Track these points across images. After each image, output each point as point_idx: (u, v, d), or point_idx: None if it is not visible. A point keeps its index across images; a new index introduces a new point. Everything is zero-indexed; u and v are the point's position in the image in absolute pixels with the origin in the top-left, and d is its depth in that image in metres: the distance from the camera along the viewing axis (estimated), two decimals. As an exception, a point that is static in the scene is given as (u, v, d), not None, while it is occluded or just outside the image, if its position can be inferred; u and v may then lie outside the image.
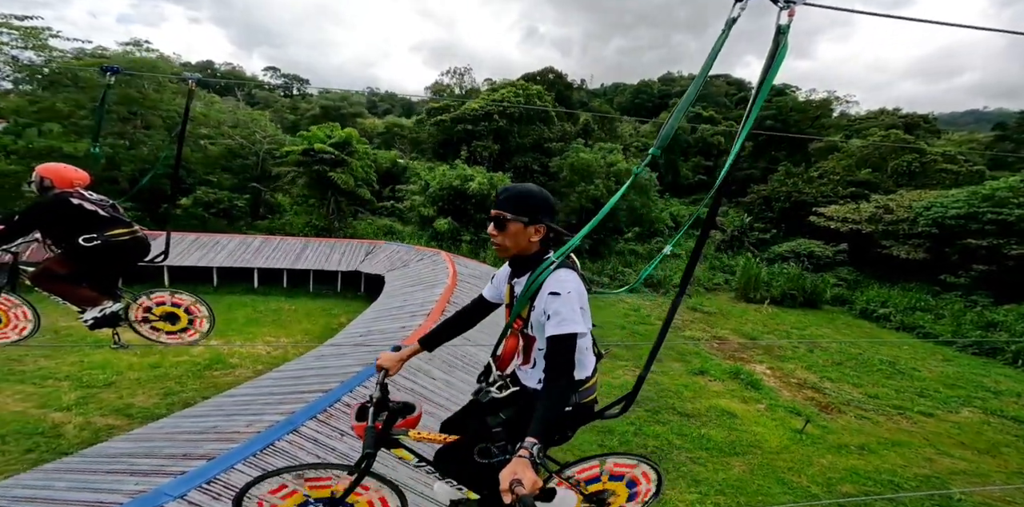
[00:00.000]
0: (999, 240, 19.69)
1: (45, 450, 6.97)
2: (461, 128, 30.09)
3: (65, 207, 3.07)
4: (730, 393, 11.11)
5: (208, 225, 21.61)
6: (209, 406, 6.12)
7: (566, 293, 1.47)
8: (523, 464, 1.23)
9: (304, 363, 7.97)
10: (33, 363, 9.99)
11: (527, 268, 1.65)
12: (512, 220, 1.57)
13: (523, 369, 1.74)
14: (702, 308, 20.41)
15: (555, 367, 1.44)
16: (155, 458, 4.16)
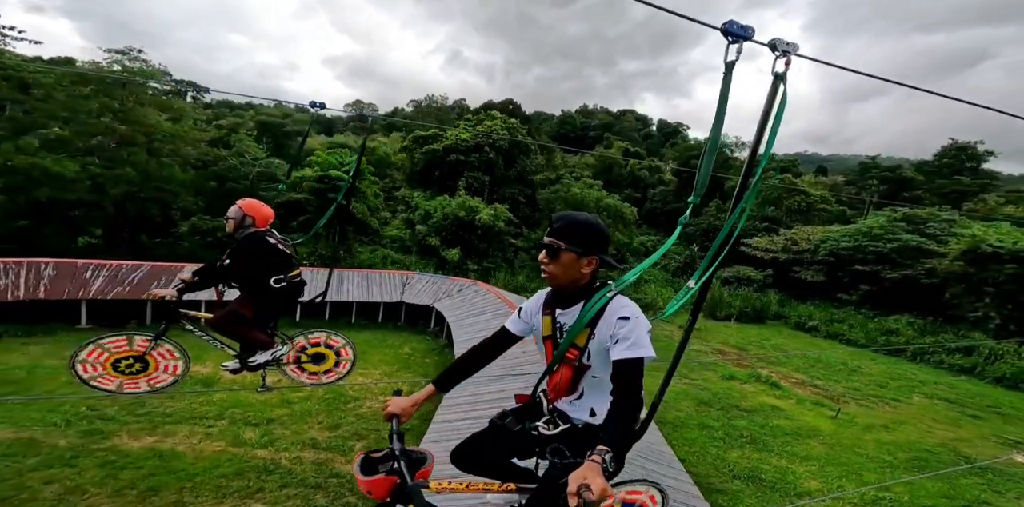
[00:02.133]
0: (877, 266, 26.86)
1: (302, 486, 7.17)
2: (454, 158, 31.37)
3: (267, 247, 3.03)
4: (762, 392, 14.29)
5: (205, 254, 19.84)
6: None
7: (635, 318, 1.49)
8: (595, 470, 1.20)
9: (468, 390, 9.05)
10: (158, 405, 9.34)
11: (575, 299, 1.62)
12: (567, 249, 1.54)
13: (570, 400, 1.68)
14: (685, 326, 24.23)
15: (626, 390, 1.42)
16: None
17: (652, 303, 27.37)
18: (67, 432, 7.78)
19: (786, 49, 1.44)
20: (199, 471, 7.45)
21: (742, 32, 1.42)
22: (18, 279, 12.08)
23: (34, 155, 15.10)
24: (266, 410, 9.91)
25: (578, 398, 1.67)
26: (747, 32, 1.43)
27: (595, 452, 1.27)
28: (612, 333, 1.48)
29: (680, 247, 40.69)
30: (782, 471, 9.08)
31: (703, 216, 42.44)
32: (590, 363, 1.59)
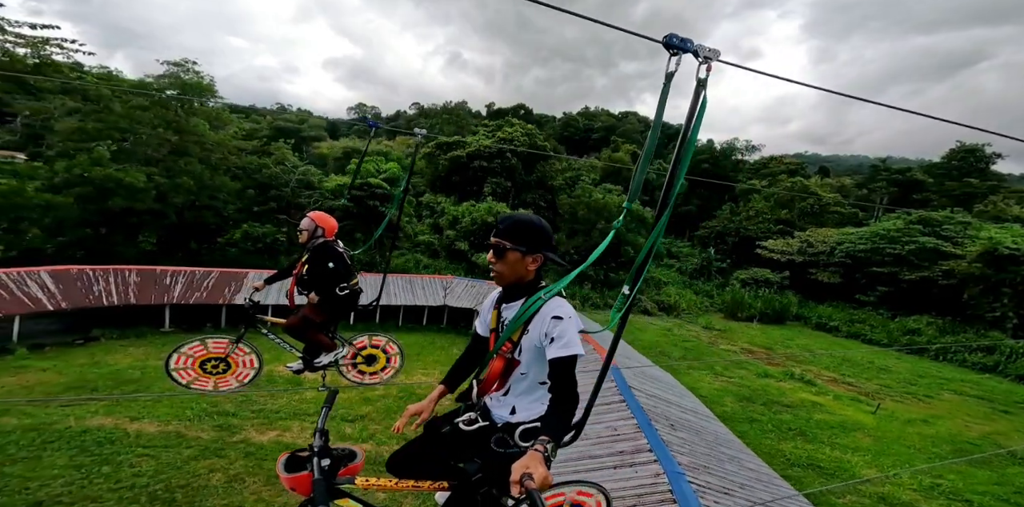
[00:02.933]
0: (895, 268, 27.65)
1: None
2: (477, 164, 32.26)
3: (337, 257, 3.23)
4: (799, 389, 15.07)
5: (250, 260, 20.68)
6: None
7: (568, 318, 1.55)
8: (537, 458, 1.24)
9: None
10: (264, 403, 10.17)
11: (520, 295, 1.68)
12: (511, 249, 1.61)
13: (496, 396, 1.74)
14: (712, 327, 25.05)
15: (562, 385, 1.50)
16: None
17: (675, 304, 28.20)
18: (202, 426, 8.61)
19: (708, 56, 1.50)
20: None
21: (682, 44, 1.48)
22: (109, 285, 12.93)
23: (105, 166, 15.95)
24: (354, 407, 10.71)
25: (503, 394, 1.72)
26: (686, 45, 1.49)
27: (537, 442, 1.31)
28: (546, 331, 1.55)
29: (694, 250, 41.67)
30: (837, 460, 9.87)
31: (716, 219, 43.30)
32: (520, 359, 1.65)
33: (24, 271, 11.81)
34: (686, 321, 26.15)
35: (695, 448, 8.01)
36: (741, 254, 37.76)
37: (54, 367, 10.40)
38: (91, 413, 8.39)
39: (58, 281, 12.12)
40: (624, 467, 6.69)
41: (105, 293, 12.69)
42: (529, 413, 1.68)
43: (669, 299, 28.23)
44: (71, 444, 7.37)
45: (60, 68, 17.47)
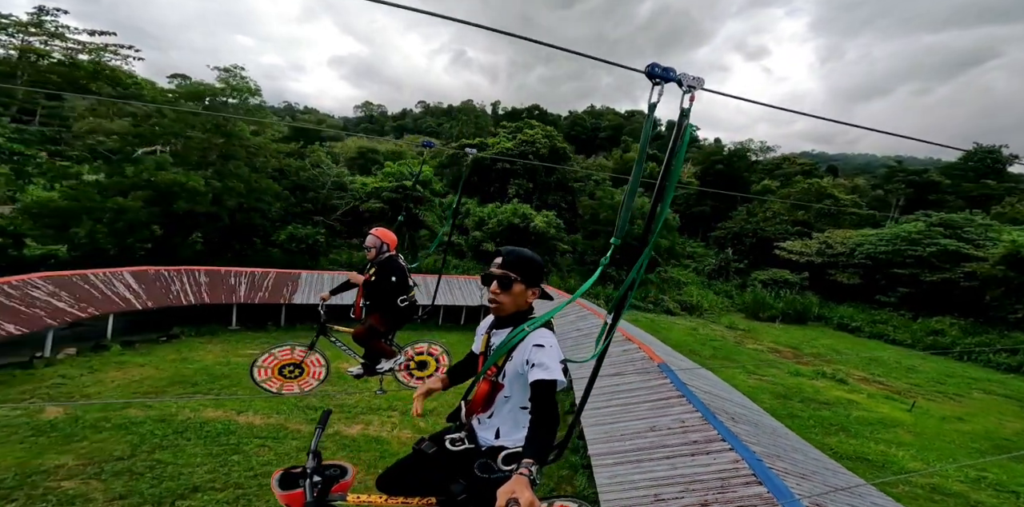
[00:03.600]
0: (916, 270, 28.07)
1: None
2: (500, 166, 32.87)
3: (401, 271, 3.41)
4: (832, 387, 15.66)
5: (292, 260, 21.44)
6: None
7: (549, 346, 1.62)
8: (523, 483, 1.27)
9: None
10: (342, 400, 10.92)
11: (510, 323, 1.76)
12: (518, 281, 1.70)
13: (481, 418, 1.81)
14: (735, 326, 25.64)
15: (543, 408, 1.53)
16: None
17: (697, 304, 28.78)
18: (298, 419, 9.35)
19: (692, 84, 1.48)
20: (402, 452, 9.00)
21: (664, 74, 1.46)
22: (184, 285, 13.71)
23: (168, 171, 16.72)
24: (402, 402, 11.42)
25: (488, 416, 1.78)
26: (669, 74, 1.47)
27: (522, 465, 1.33)
28: (528, 358, 1.61)
29: (708, 250, 42.08)
30: (884, 454, 10.49)
31: (732, 221, 43.71)
32: (504, 383, 1.71)
33: (110, 272, 12.59)
34: (709, 321, 26.74)
35: (760, 439, 8.72)
36: (758, 255, 38.20)
37: (150, 363, 11.17)
38: (202, 406, 9.14)
39: (139, 281, 12.91)
40: (700, 454, 7.41)
41: (181, 293, 13.47)
42: (513, 438, 1.74)
43: (691, 299, 28.83)
44: (198, 434, 8.12)
45: (117, 74, 18.25)
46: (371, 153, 48.05)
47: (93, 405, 8.73)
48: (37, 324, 9.79)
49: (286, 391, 3.76)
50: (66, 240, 15.69)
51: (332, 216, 26.09)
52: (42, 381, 9.44)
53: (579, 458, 9.76)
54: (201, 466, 7.20)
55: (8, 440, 7.24)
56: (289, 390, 3.75)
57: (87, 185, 15.06)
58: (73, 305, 10.79)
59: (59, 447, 7.23)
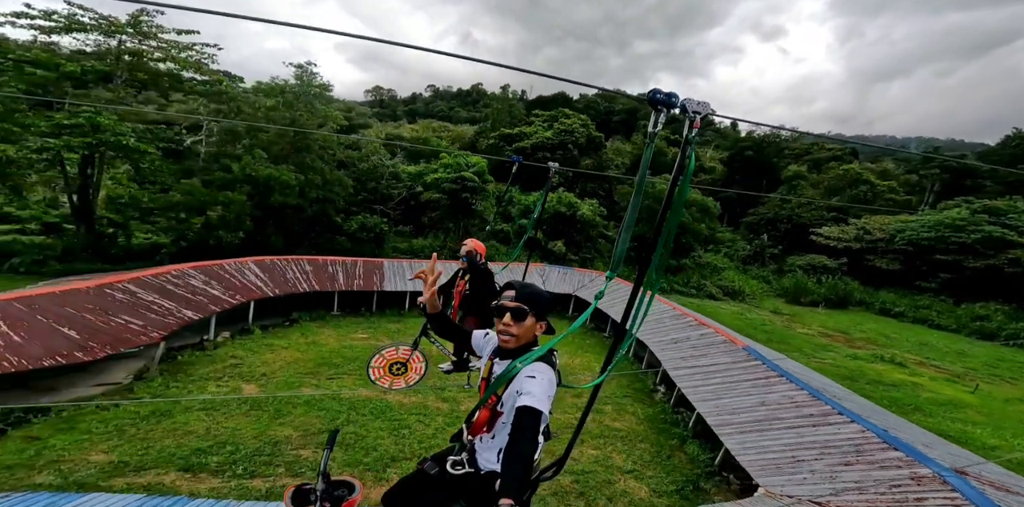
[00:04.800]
0: (959, 256, 28.44)
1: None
2: (541, 155, 33.36)
3: (492, 277, 3.64)
4: (892, 370, 16.54)
5: (358, 249, 22.51)
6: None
7: (541, 379, 1.67)
8: None
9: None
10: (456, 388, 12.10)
11: (512, 355, 1.83)
12: (531, 314, 1.79)
13: (484, 438, 1.87)
14: (779, 311, 26.45)
15: (521, 433, 1.54)
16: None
17: (739, 289, 29.54)
18: (432, 399, 10.49)
19: (696, 110, 1.44)
20: None
21: (667, 100, 1.43)
22: (296, 274, 14.85)
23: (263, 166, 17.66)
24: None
25: (492, 438, 1.84)
26: (671, 100, 1.43)
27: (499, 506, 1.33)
28: (519, 388, 1.67)
29: (738, 236, 42.38)
30: (962, 432, 11.42)
31: (764, 207, 43.87)
32: (503, 410, 1.78)
33: (238, 262, 13.73)
34: (752, 305, 27.56)
35: (870, 413, 9.72)
36: (793, 240, 38.60)
37: (290, 345, 12.39)
38: (356, 386, 10.33)
39: (263, 270, 14.05)
40: (822, 426, 8.46)
41: (296, 281, 14.61)
42: None
43: (733, 284, 29.58)
44: (370, 411, 9.32)
45: (202, 70, 19.00)
46: (398, 139, 48.61)
47: (274, 384, 9.98)
48: (205, 310, 10.96)
49: (395, 387, 4.16)
50: (173, 232, 16.86)
51: (389, 205, 27.07)
52: (222, 362, 10.68)
53: (682, 430, 10.89)
54: (386, 439, 8.38)
55: (234, 414, 8.47)
56: (397, 386, 4.15)
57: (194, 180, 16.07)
58: (224, 293, 11.95)
59: (276, 421, 8.46)
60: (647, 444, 10.08)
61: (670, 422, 11.28)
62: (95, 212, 15.98)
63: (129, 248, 16.53)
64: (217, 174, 16.72)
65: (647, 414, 11.73)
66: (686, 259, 32.00)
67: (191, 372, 10.00)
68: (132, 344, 8.60)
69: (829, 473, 6.69)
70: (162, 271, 11.63)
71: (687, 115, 1.44)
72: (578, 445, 8.81)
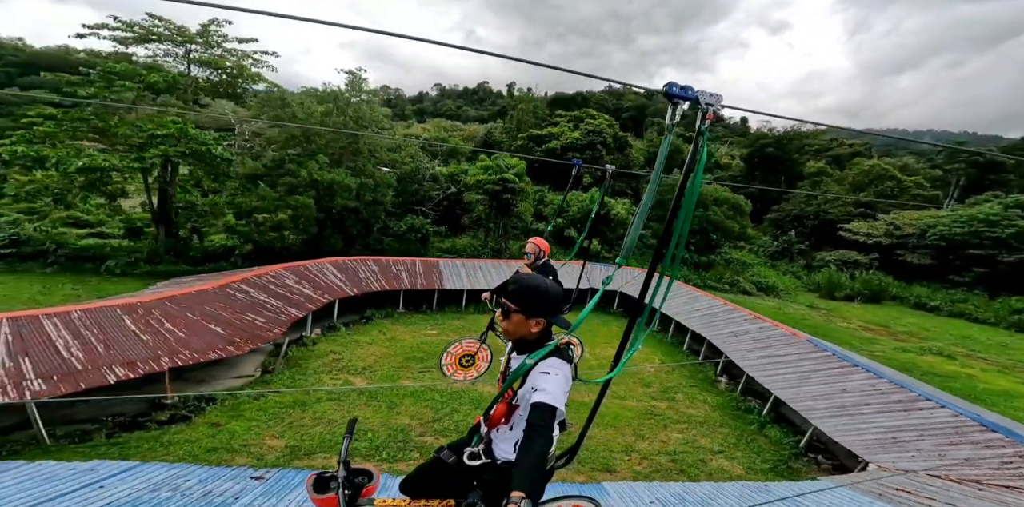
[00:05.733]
0: (993, 251, 28.52)
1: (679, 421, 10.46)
2: (570, 155, 33.92)
3: (555, 274, 3.85)
4: (943, 362, 16.90)
5: (404, 249, 23.24)
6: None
7: (555, 374, 1.70)
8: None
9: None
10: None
11: (526, 350, 1.87)
12: (516, 312, 1.80)
13: (501, 430, 1.90)
14: (815, 306, 26.78)
15: (536, 429, 1.57)
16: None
17: (772, 285, 29.87)
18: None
19: (709, 102, 1.47)
20: (609, 413, 10.83)
21: (683, 93, 1.46)
22: (367, 274, 15.60)
23: (325, 170, 18.40)
24: (581, 375, 13.21)
25: (509, 429, 1.88)
26: (688, 92, 1.46)
27: (510, 500, 1.35)
28: (533, 384, 1.70)
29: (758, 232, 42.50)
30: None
31: (789, 203, 44.01)
32: (518, 404, 1.82)
33: (317, 263, 14.50)
34: (787, 300, 27.89)
35: (954, 401, 10.20)
36: (820, 236, 38.76)
37: (373, 342, 13.12)
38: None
39: (339, 271, 14.80)
40: (914, 410, 8.97)
41: (367, 280, 15.35)
42: None
43: (766, 280, 29.92)
44: (468, 400, 10.04)
45: (260, 78, 19.81)
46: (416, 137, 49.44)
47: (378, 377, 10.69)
48: (304, 308, 11.72)
49: (468, 378, 4.45)
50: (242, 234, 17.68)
51: (429, 206, 27.79)
52: (323, 357, 11.43)
53: (756, 416, 11.43)
54: None
55: (356, 405, 9.21)
56: (469, 376, 4.46)
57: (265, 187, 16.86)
58: (314, 292, 12.71)
59: (393, 411, 9.17)
60: (727, 429, 10.65)
61: (742, 409, 11.83)
62: (172, 216, 16.86)
63: (204, 250, 17.38)
64: (284, 179, 17.48)
65: (717, 402, 12.28)
66: (714, 256, 32.39)
67: (303, 366, 10.76)
68: (264, 339, 9.35)
69: (936, 452, 7.22)
70: (262, 272, 12.41)
71: (700, 107, 1.47)
72: (662, 429, 9.50)
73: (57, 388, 6.39)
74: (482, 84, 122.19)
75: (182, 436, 7.33)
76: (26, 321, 7.11)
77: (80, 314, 7.72)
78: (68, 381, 6.53)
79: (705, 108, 1.46)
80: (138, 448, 6.80)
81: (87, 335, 7.40)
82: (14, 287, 13.27)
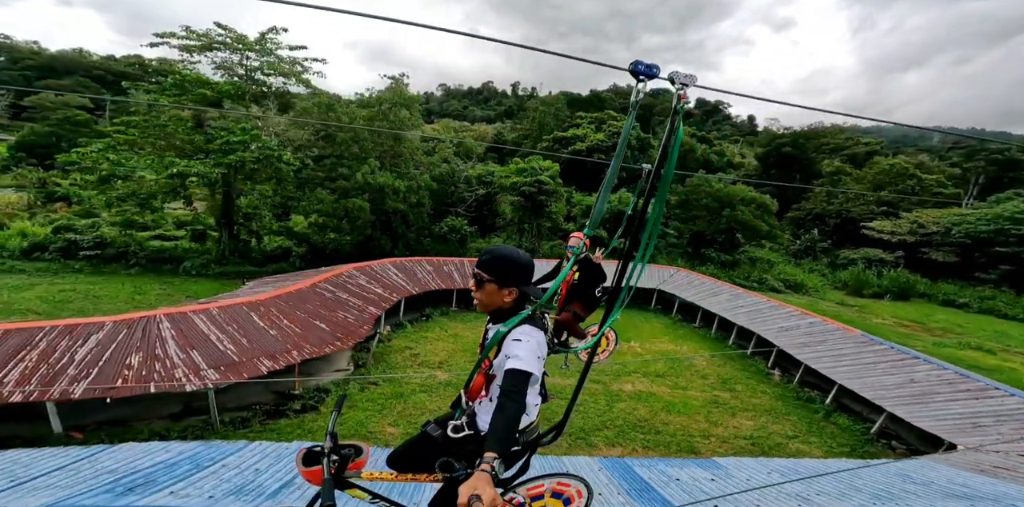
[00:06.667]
0: (1019, 248, 28.72)
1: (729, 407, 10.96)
2: (596, 157, 34.51)
3: (599, 268, 3.89)
4: (985, 357, 17.23)
5: (442, 249, 23.86)
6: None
7: (527, 341, 1.68)
8: (484, 479, 1.28)
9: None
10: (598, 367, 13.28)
11: (501, 319, 1.84)
12: (488, 281, 1.77)
13: (483, 402, 1.91)
14: (846, 303, 27.10)
15: (507, 394, 1.56)
16: None
17: (801, 283, 30.20)
18: (590, 380, 11.73)
19: (684, 82, 1.48)
20: (678, 401, 11.37)
21: (648, 71, 1.49)
22: (424, 274, 16.21)
23: (376, 174, 19.05)
24: (640, 367, 13.66)
25: (490, 401, 1.88)
26: (653, 70, 1.49)
27: (483, 460, 1.35)
28: (507, 352, 1.70)
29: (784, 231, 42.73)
30: (1078, 407, 12.19)
31: (810, 201, 44.27)
32: (495, 373, 1.81)
33: (380, 263, 15.13)
34: (817, 298, 28.22)
35: (1015, 390, 10.63)
36: (843, 235, 39.03)
37: (439, 338, 13.72)
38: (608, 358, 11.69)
39: (399, 271, 15.42)
40: (985, 398, 9.42)
41: (425, 279, 15.96)
42: None
43: (794, 278, 30.27)
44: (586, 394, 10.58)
45: (309, 84, 20.52)
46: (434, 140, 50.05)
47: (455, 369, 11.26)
48: (379, 306, 12.33)
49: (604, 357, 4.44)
50: (300, 236, 18.35)
51: (462, 207, 28.45)
52: (401, 352, 12.06)
53: (819, 405, 11.91)
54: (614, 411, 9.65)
55: (443, 396, 9.91)
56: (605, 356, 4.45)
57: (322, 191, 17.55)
58: (384, 291, 13.33)
59: None
60: (794, 417, 11.14)
61: (803, 399, 12.31)
62: (235, 220, 17.58)
63: (263, 252, 18.08)
64: (338, 182, 18.15)
65: (776, 393, 12.76)
66: (738, 254, 32.80)
67: (387, 361, 11.37)
68: (359, 336, 9.97)
69: (1018, 435, 7.68)
70: (338, 272, 13.06)
71: (674, 86, 1.49)
72: (731, 416, 10.13)
73: (226, 377, 7.00)
74: (487, 84, 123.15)
75: (317, 424, 7.94)
76: (179, 317, 7.75)
77: (219, 311, 8.36)
78: (233, 371, 7.15)
79: (680, 87, 1.48)
80: (289, 434, 7.42)
81: (231, 330, 8.03)
82: (109, 287, 14.10)
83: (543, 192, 25.74)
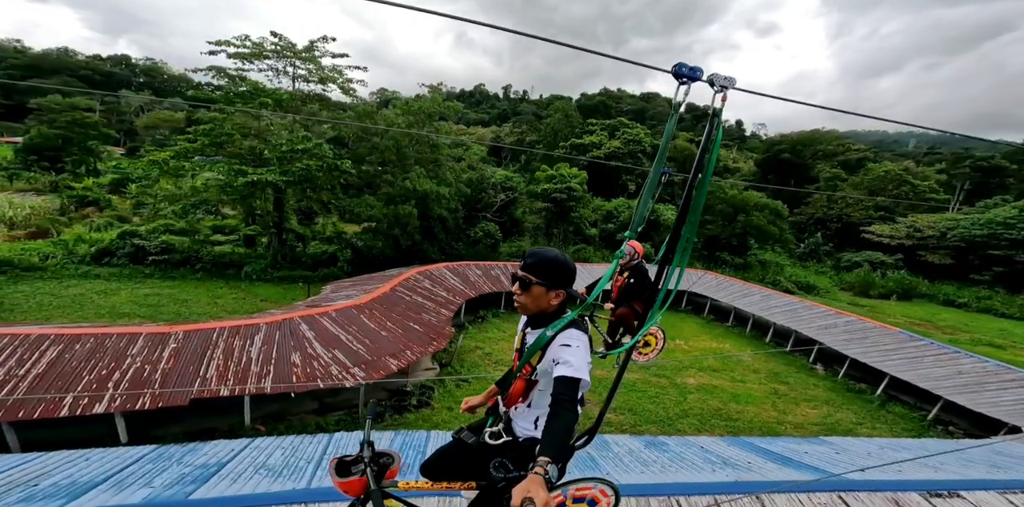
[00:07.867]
0: (1011, 251, 30.54)
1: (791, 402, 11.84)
2: (614, 164, 35.49)
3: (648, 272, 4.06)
4: (996, 352, 18.46)
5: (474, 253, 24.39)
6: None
7: (576, 346, 1.65)
8: (538, 482, 1.27)
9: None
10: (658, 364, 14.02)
11: (542, 323, 1.80)
12: (537, 284, 1.72)
13: (520, 408, 1.86)
14: (857, 303, 28.43)
15: (561, 402, 1.53)
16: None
17: (812, 284, 31.52)
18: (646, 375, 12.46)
19: (724, 84, 1.48)
20: (741, 393, 12.19)
21: (692, 73, 1.47)
22: (475, 277, 16.75)
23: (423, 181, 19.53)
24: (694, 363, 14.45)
25: (527, 407, 1.85)
26: (696, 73, 1.48)
27: (537, 464, 1.33)
28: (554, 357, 1.65)
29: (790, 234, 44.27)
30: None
31: (810, 206, 46.03)
32: (538, 379, 1.78)
33: (433, 268, 15.63)
34: (828, 299, 29.51)
35: None
36: (843, 238, 40.75)
37: (500, 338, 14.28)
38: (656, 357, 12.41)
39: (455, 274, 15.95)
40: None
41: (478, 283, 16.51)
42: None
43: (805, 280, 31.60)
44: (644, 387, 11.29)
45: (350, 90, 20.95)
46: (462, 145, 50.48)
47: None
48: (449, 309, 12.84)
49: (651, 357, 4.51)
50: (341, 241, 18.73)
51: (490, 212, 29.03)
52: (473, 351, 12.63)
53: (871, 395, 12.83)
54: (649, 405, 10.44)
55: None
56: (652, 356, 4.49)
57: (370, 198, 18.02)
58: (447, 294, 13.84)
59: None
60: (854, 406, 12.04)
61: (854, 391, 13.22)
62: (285, 225, 17.86)
63: (312, 256, 18.40)
64: (385, 189, 18.62)
65: (826, 385, 13.65)
66: (748, 257, 34.07)
67: (464, 360, 11.91)
68: (446, 337, 10.49)
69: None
70: (407, 276, 13.52)
71: (715, 89, 1.51)
72: (795, 405, 11.16)
73: (371, 375, 7.47)
74: (478, 86, 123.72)
75: (438, 417, 8.45)
76: (310, 319, 8.18)
77: (336, 314, 8.80)
78: (373, 368, 7.62)
79: (719, 89, 1.50)
80: (418, 427, 7.90)
81: (352, 331, 8.48)
82: (185, 291, 14.53)
83: (572, 198, 26.54)
